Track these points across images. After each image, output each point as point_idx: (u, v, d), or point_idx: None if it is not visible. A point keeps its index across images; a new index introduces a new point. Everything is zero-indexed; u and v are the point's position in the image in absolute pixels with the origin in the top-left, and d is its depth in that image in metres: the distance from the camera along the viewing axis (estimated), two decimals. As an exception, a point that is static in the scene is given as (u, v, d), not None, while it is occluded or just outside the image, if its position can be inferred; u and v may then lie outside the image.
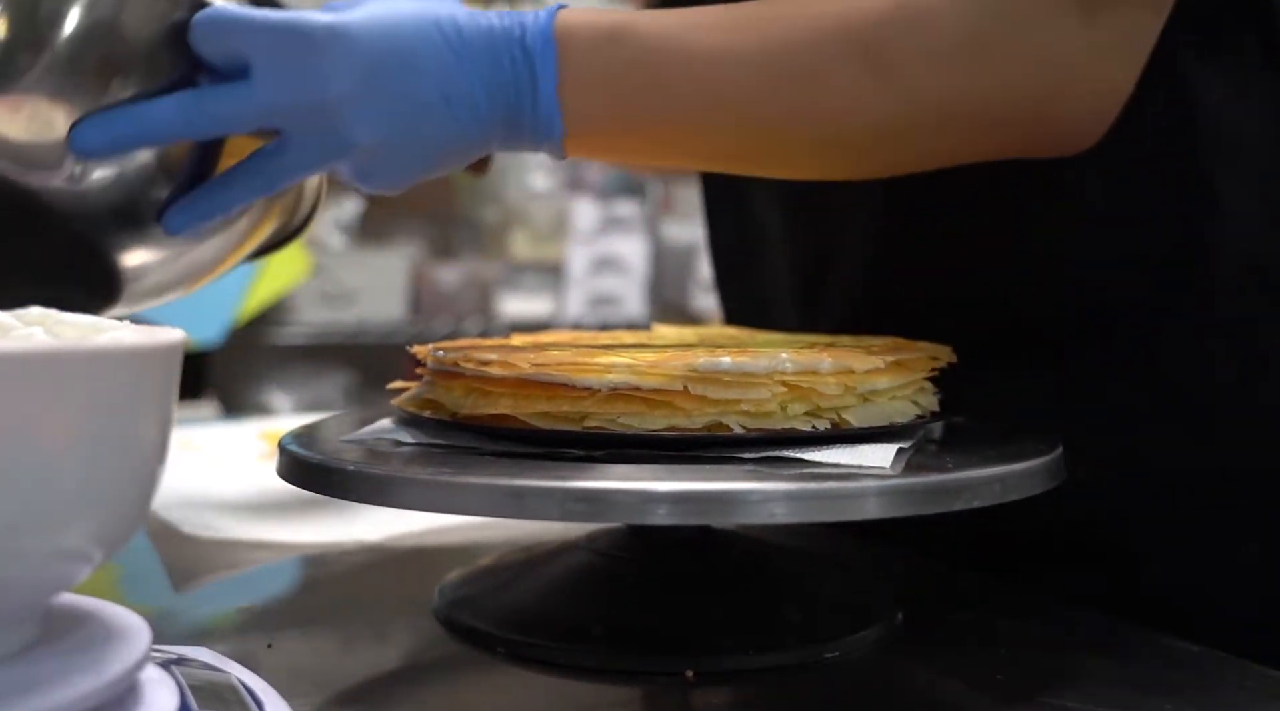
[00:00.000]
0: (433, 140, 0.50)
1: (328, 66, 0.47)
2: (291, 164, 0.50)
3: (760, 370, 0.43)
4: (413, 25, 0.48)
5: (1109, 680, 0.44)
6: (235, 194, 0.51)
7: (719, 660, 0.44)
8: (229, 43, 0.48)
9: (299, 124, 0.48)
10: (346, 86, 0.47)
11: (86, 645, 0.32)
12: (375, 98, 0.48)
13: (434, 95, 0.48)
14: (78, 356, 0.29)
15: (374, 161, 0.50)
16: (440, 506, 0.41)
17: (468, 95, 0.49)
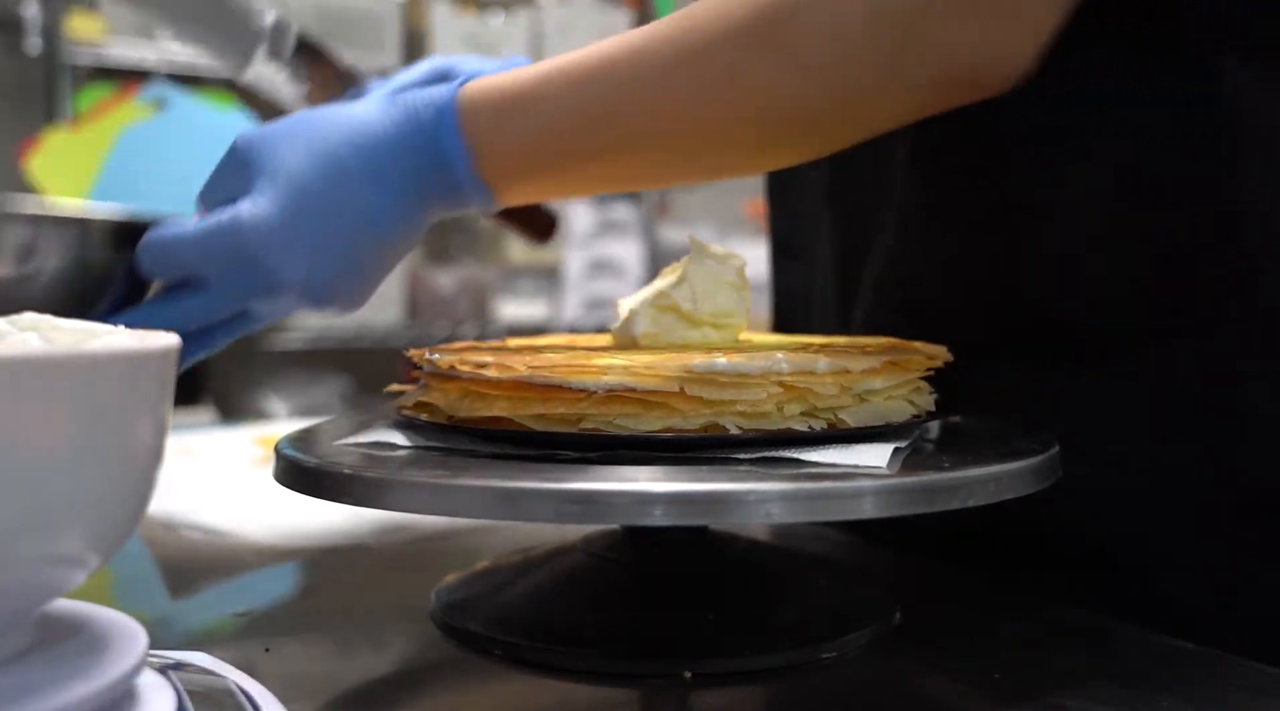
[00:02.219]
0: (373, 256, 0.52)
1: (274, 259, 0.50)
2: (213, 307, 0.52)
3: (756, 371, 0.43)
4: (326, 175, 0.50)
5: (1107, 680, 0.44)
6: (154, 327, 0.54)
7: (716, 662, 0.44)
8: (177, 263, 0.51)
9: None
10: (299, 273, 0.51)
11: (82, 651, 0.32)
12: (314, 256, 0.51)
13: (361, 223, 0.51)
14: (72, 362, 0.29)
15: (325, 293, 0.52)
16: (436, 509, 0.41)
17: (394, 205, 0.51)
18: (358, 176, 0.50)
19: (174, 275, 0.52)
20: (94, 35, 1.87)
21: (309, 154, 0.50)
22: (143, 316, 0.51)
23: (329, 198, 0.50)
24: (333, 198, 0.50)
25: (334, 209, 0.50)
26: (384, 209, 0.51)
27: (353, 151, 0.50)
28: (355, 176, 0.50)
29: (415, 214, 0.52)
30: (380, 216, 0.51)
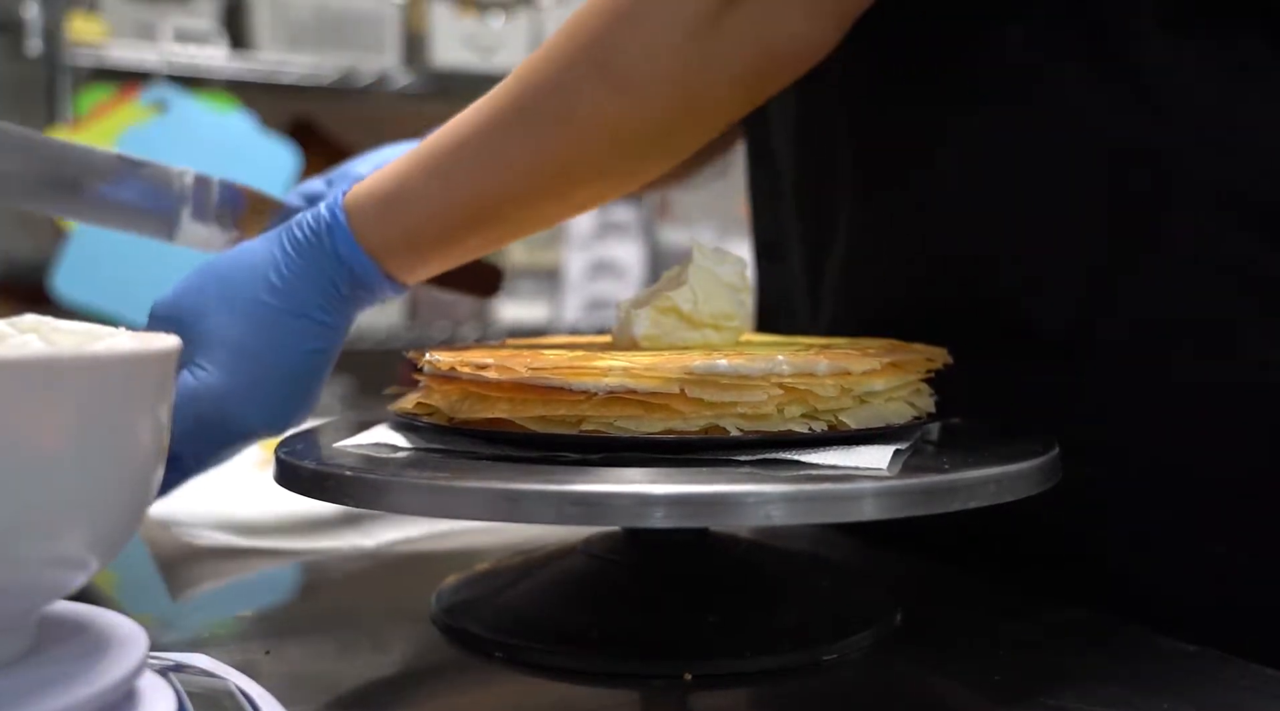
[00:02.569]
0: (319, 370, 0.55)
1: (236, 418, 0.53)
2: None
3: (756, 373, 0.43)
4: (256, 326, 0.53)
5: (1106, 680, 0.44)
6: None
7: (716, 663, 0.44)
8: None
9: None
10: (261, 421, 0.53)
11: (83, 652, 0.32)
12: (272, 402, 0.53)
13: (302, 354, 0.53)
14: (73, 364, 0.29)
15: (287, 424, 0.55)
16: (437, 511, 0.41)
17: (323, 325, 0.54)
18: (284, 314, 0.53)
19: None
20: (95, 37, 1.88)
21: (231, 311, 0.52)
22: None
23: (265, 346, 0.52)
24: (269, 344, 0.53)
25: (273, 355, 0.53)
26: (317, 333, 0.54)
27: (270, 292, 0.53)
28: (282, 315, 0.53)
29: (342, 321, 0.55)
30: (316, 339, 0.54)
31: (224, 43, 1.98)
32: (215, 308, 0.53)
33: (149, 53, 1.92)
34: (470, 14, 2.14)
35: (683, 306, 0.52)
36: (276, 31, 2.01)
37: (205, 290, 0.53)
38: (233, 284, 0.53)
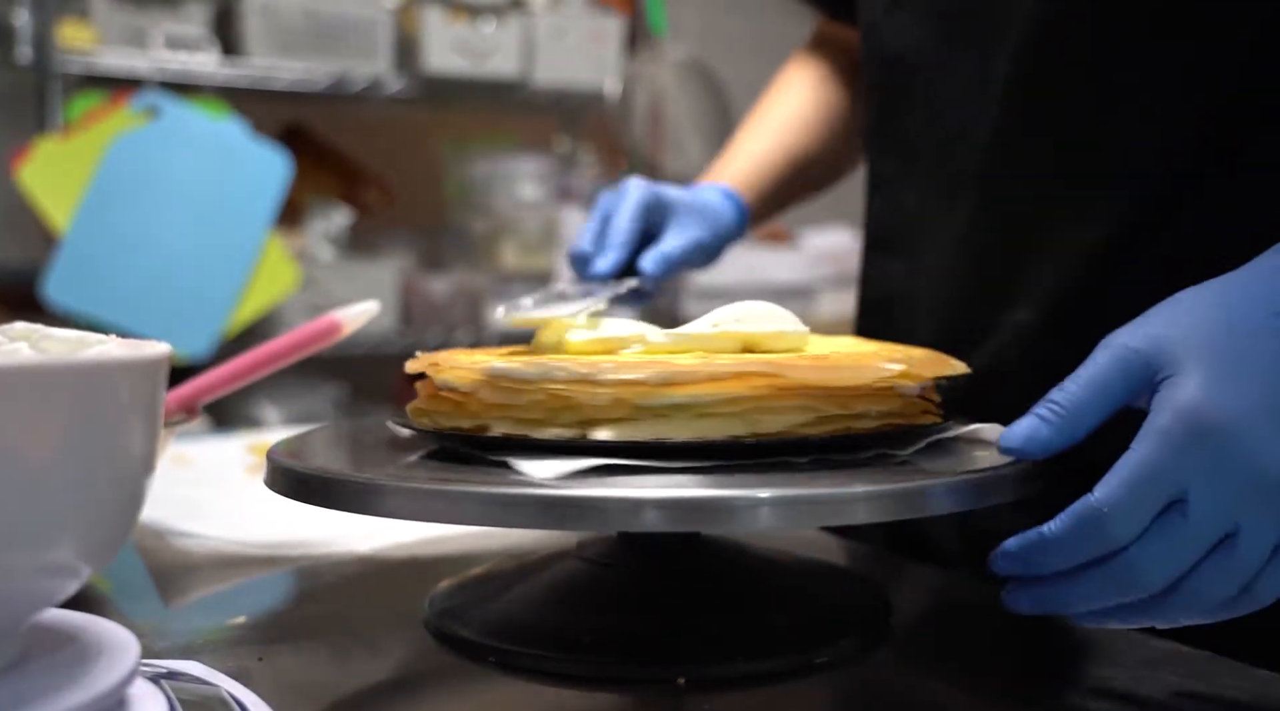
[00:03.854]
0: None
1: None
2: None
3: (532, 377, 0.43)
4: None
5: (1103, 681, 0.44)
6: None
7: (710, 667, 0.44)
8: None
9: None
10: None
11: (74, 660, 0.32)
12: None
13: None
14: (63, 371, 0.29)
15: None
16: (429, 516, 0.41)
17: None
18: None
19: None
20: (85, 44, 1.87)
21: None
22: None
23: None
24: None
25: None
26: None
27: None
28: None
29: None
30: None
31: (215, 49, 1.98)
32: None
33: (140, 59, 1.91)
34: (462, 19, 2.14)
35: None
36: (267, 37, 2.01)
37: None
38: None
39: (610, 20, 2.30)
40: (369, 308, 0.63)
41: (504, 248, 2.28)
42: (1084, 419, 0.42)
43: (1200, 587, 0.40)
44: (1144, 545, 0.40)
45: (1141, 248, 0.57)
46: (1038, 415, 0.43)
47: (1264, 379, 0.40)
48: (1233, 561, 0.40)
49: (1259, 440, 0.39)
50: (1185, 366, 0.41)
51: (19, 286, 1.82)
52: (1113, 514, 0.40)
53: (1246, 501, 0.39)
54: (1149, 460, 0.40)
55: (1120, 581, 0.40)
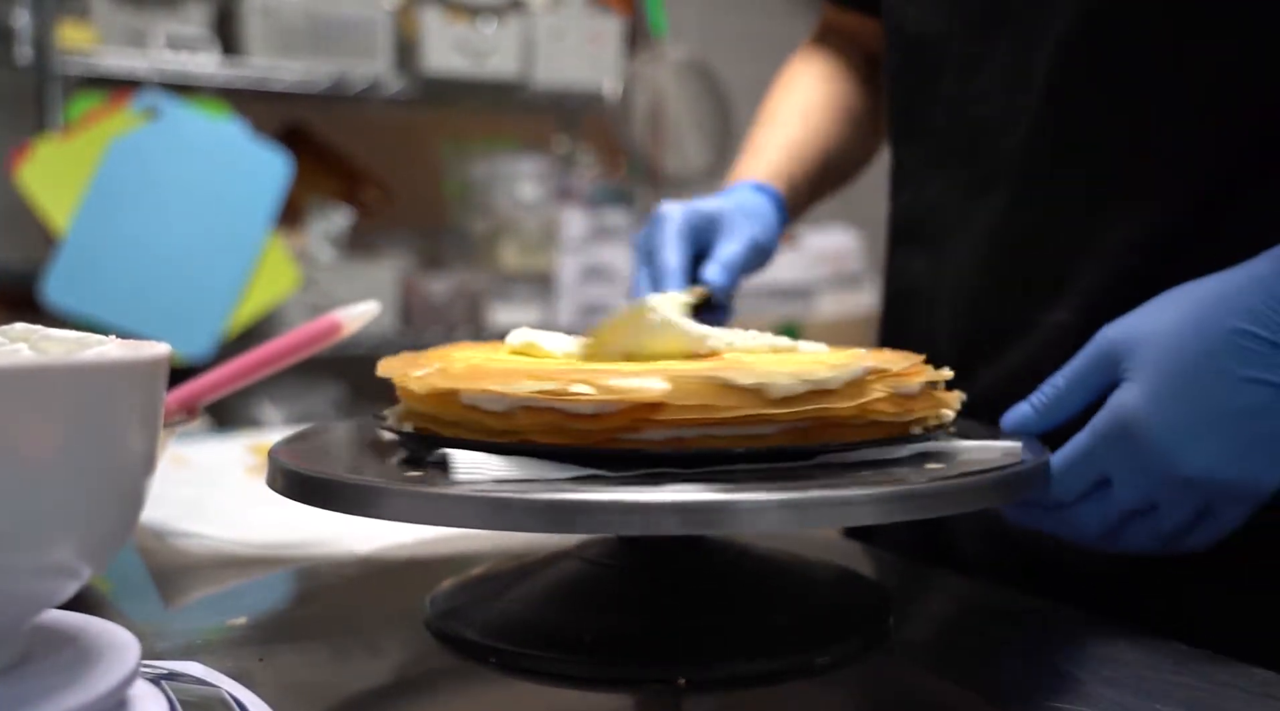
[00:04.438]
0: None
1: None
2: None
3: (499, 409, 0.43)
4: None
5: (1102, 681, 0.44)
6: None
7: (710, 667, 0.44)
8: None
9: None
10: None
11: (74, 661, 0.32)
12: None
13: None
14: (62, 371, 0.29)
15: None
16: (430, 518, 0.41)
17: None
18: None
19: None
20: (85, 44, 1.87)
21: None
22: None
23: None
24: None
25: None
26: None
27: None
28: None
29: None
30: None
31: (215, 49, 1.98)
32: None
33: (140, 60, 1.91)
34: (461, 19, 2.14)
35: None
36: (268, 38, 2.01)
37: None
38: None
39: (610, 20, 2.30)
40: (369, 308, 0.63)
41: (504, 248, 2.28)
42: (1065, 406, 0.52)
43: (1130, 538, 0.51)
44: (1079, 506, 0.51)
45: (1189, 247, 0.56)
46: (1029, 403, 0.52)
47: (1199, 395, 0.47)
48: (1155, 524, 0.50)
49: (1177, 447, 0.47)
50: (1138, 373, 0.48)
51: (19, 287, 1.82)
52: (1055, 479, 0.50)
53: (1162, 489, 0.48)
54: (1080, 449, 0.49)
55: (1069, 525, 0.51)
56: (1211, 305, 0.47)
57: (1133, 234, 0.57)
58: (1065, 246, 0.59)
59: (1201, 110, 0.55)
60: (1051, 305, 0.59)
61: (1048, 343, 0.59)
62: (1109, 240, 0.57)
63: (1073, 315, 0.58)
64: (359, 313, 0.62)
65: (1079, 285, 0.58)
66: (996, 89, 0.62)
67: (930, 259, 0.68)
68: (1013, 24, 0.60)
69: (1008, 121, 0.61)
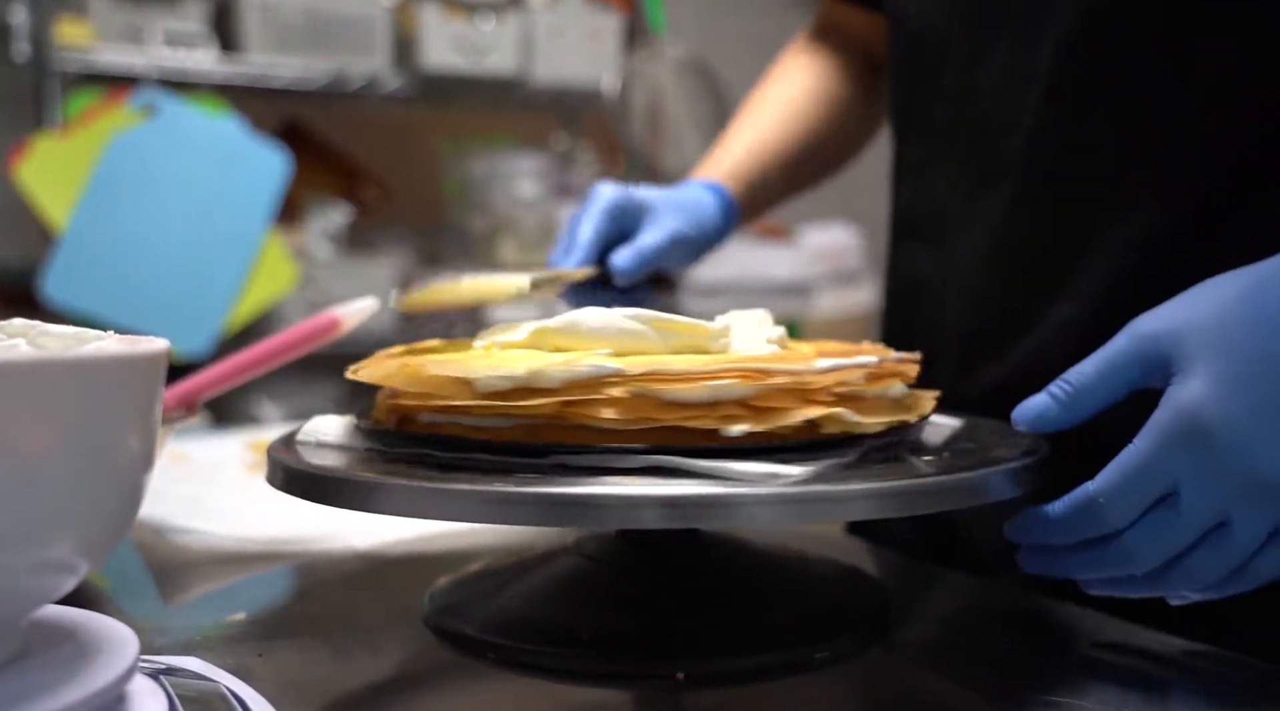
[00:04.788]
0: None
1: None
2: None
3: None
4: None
5: (1100, 678, 0.44)
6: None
7: (709, 662, 0.44)
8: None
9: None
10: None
11: (73, 656, 0.32)
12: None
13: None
14: (61, 367, 0.29)
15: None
16: (428, 513, 0.41)
17: None
18: None
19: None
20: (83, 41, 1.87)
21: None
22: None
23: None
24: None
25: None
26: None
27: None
28: None
29: None
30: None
31: (213, 46, 1.98)
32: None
33: (137, 56, 1.91)
34: (460, 16, 2.14)
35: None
36: (266, 34, 2.01)
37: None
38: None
39: (609, 18, 2.30)
40: (367, 304, 0.63)
41: (503, 245, 2.28)
42: (1092, 400, 0.45)
43: (1194, 568, 0.43)
44: (1137, 531, 0.43)
45: (1192, 244, 0.55)
46: (1050, 393, 0.46)
47: (1269, 382, 0.41)
48: (1225, 548, 0.43)
49: (1254, 443, 0.41)
50: (1195, 365, 0.42)
51: (18, 284, 1.82)
52: (1107, 503, 0.43)
53: (1238, 498, 0.42)
54: (1144, 456, 0.42)
55: (1116, 559, 0.44)
56: (1259, 291, 0.43)
57: (1136, 231, 0.57)
58: (1069, 243, 0.59)
59: (1204, 108, 0.55)
60: (1055, 301, 0.59)
61: (1052, 339, 0.59)
62: (1113, 237, 0.57)
63: (1077, 311, 0.58)
64: (357, 309, 0.62)
65: (1083, 281, 0.58)
66: (998, 85, 0.62)
67: (934, 255, 0.67)
68: (1014, 21, 0.60)
69: (1010, 118, 0.61)
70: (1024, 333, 0.61)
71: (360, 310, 0.62)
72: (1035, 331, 0.60)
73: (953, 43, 0.64)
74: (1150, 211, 0.56)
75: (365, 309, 0.62)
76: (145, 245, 1.78)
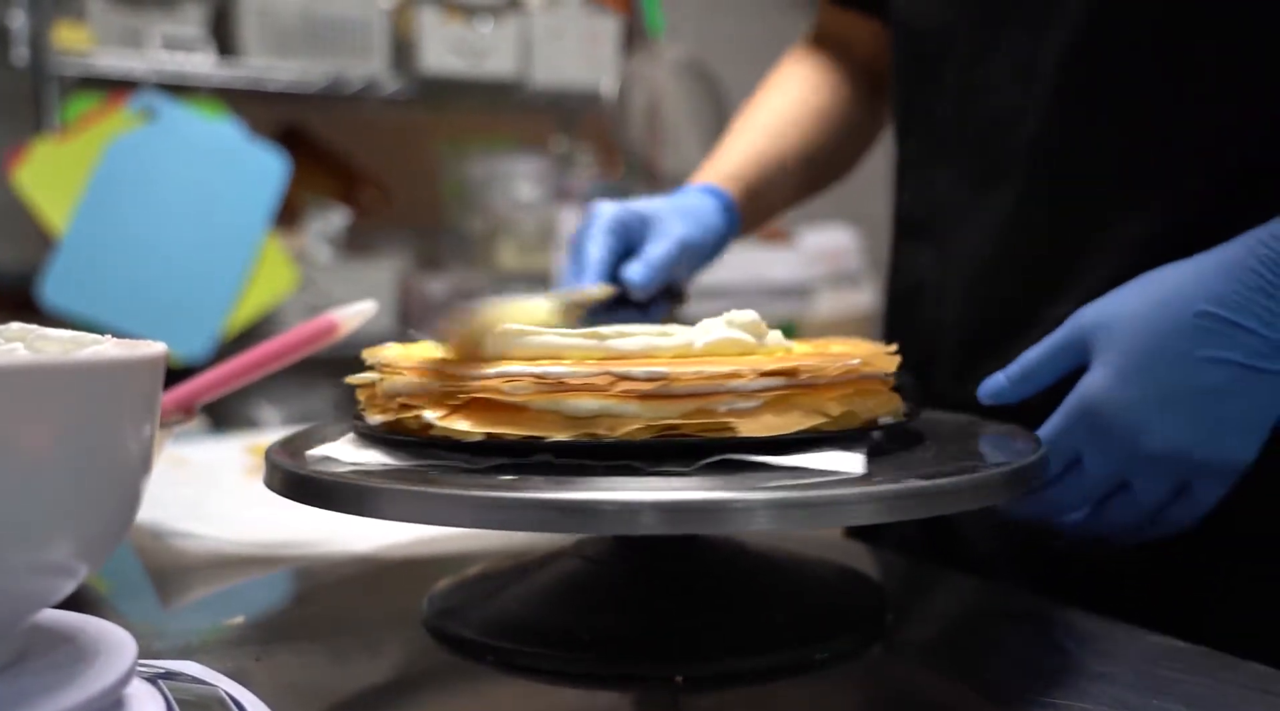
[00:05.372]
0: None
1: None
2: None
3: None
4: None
5: (1096, 677, 0.44)
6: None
7: (708, 664, 0.44)
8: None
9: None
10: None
11: (71, 660, 0.32)
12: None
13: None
14: (59, 370, 0.29)
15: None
16: (426, 518, 0.41)
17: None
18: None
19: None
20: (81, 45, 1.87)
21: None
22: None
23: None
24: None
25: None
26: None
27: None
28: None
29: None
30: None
31: (211, 50, 1.98)
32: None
33: (136, 61, 1.91)
34: (458, 19, 2.14)
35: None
36: (264, 38, 2.01)
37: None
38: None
39: (607, 20, 2.30)
40: (366, 307, 0.62)
41: (502, 248, 2.28)
42: (1037, 378, 0.53)
43: (1112, 517, 0.53)
44: (1059, 487, 0.52)
45: (1196, 243, 0.55)
46: (1005, 372, 0.54)
47: (1163, 374, 0.49)
48: (1132, 502, 0.52)
49: (1141, 424, 0.49)
50: (1104, 355, 0.50)
51: (16, 288, 1.82)
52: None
53: (1132, 466, 0.50)
54: (1054, 428, 0.51)
55: (1051, 505, 0.53)
56: (1179, 288, 0.49)
57: (1140, 229, 0.57)
58: (1073, 241, 0.59)
59: (1206, 108, 0.55)
60: (1058, 300, 0.59)
61: None
62: (1117, 235, 0.57)
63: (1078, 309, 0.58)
64: (355, 312, 0.62)
65: (1086, 280, 0.58)
66: (1004, 81, 0.62)
67: (936, 253, 0.67)
68: (1017, 20, 0.60)
69: (1015, 114, 0.61)
70: (1025, 333, 0.61)
71: (359, 313, 0.62)
72: (1038, 330, 0.60)
73: (956, 41, 0.64)
74: (1152, 211, 0.56)
75: (364, 311, 0.62)
76: (144, 249, 1.78)
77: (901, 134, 0.72)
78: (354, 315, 0.62)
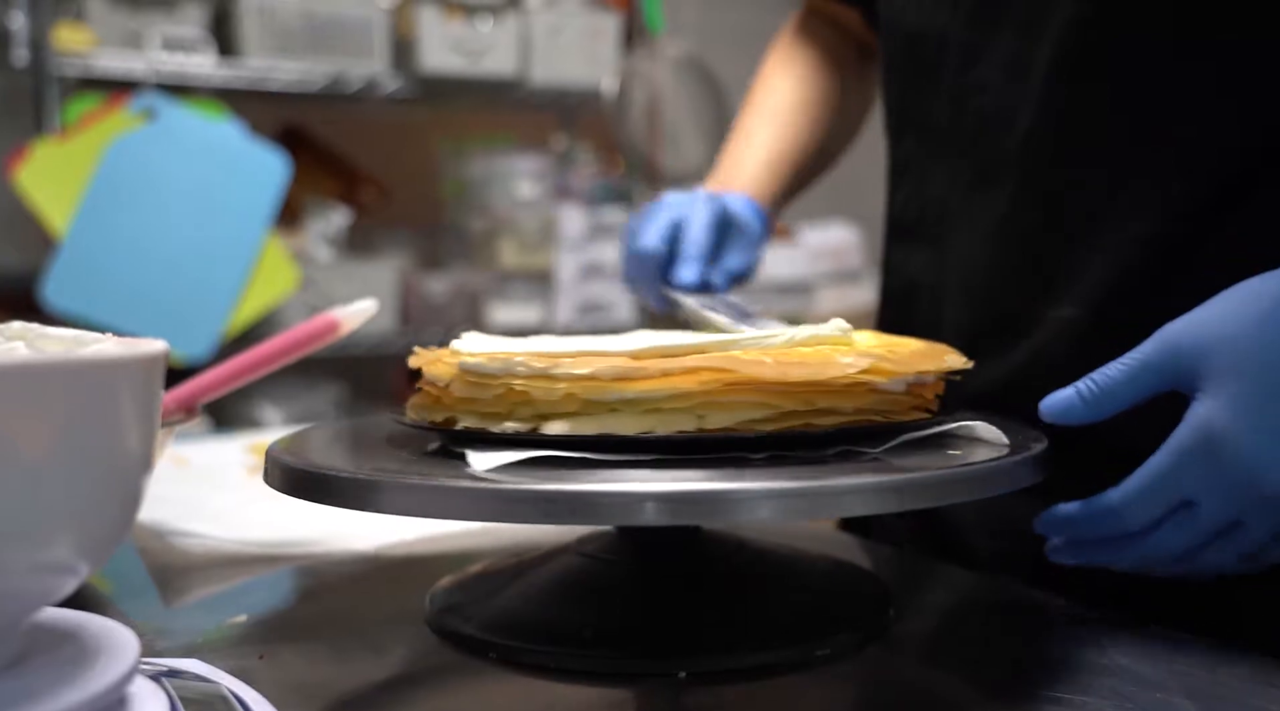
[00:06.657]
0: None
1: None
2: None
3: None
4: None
5: (1100, 671, 0.44)
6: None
7: (710, 660, 0.44)
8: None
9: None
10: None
11: (74, 659, 0.32)
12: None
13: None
14: (60, 369, 0.29)
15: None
16: (428, 511, 0.41)
17: None
18: None
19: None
20: (82, 46, 1.87)
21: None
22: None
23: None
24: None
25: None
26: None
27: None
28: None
29: None
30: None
31: (212, 50, 1.98)
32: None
33: (136, 61, 1.91)
34: (458, 18, 2.14)
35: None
36: (264, 38, 2.01)
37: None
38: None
39: (607, 18, 2.30)
40: (367, 306, 0.63)
41: (502, 246, 2.28)
42: (1116, 400, 0.48)
43: (1210, 558, 0.48)
44: (1160, 534, 0.47)
45: (1195, 241, 0.55)
46: (1077, 390, 0.48)
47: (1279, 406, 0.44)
48: (1238, 543, 0.47)
49: (1269, 462, 0.44)
50: (1216, 383, 0.45)
51: (18, 290, 1.82)
52: (1124, 511, 0.47)
53: (1250, 506, 0.45)
54: (1163, 470, 0.46)
55: (1137, 555, 0.48)
56: (1278, 314, 0.45)
57: (1138, 228, 0.56)
58: (1070, 240, 0.59)
59: (1202, 108, 0.55)
60: (1057, 299, 0.59)
61: (1053, 337, 0.59)
62: (1114, 234, 0.57)
63: (1079, 309, 0.58)
64: (356, 311, 0.62)
65: (1085, 279, 0.58)
66: (998, 80, 0.61)
67: (932, 253, 0.67)
68: (1012, 20, 0.60)
69: (1008, 116, 0.61)
70: (1021, 333, 0.61)
71: (360, 312, 0.62)
72: (1032, 332, 0.60)
73: (950, 42, 0.64)
74: (1148, 210, 0.56)
75: (365, 310, 0.62)
76: (145, 249, 1.78)
77: (895, 135, 0.72)
78: (355, 314, 0.62)
